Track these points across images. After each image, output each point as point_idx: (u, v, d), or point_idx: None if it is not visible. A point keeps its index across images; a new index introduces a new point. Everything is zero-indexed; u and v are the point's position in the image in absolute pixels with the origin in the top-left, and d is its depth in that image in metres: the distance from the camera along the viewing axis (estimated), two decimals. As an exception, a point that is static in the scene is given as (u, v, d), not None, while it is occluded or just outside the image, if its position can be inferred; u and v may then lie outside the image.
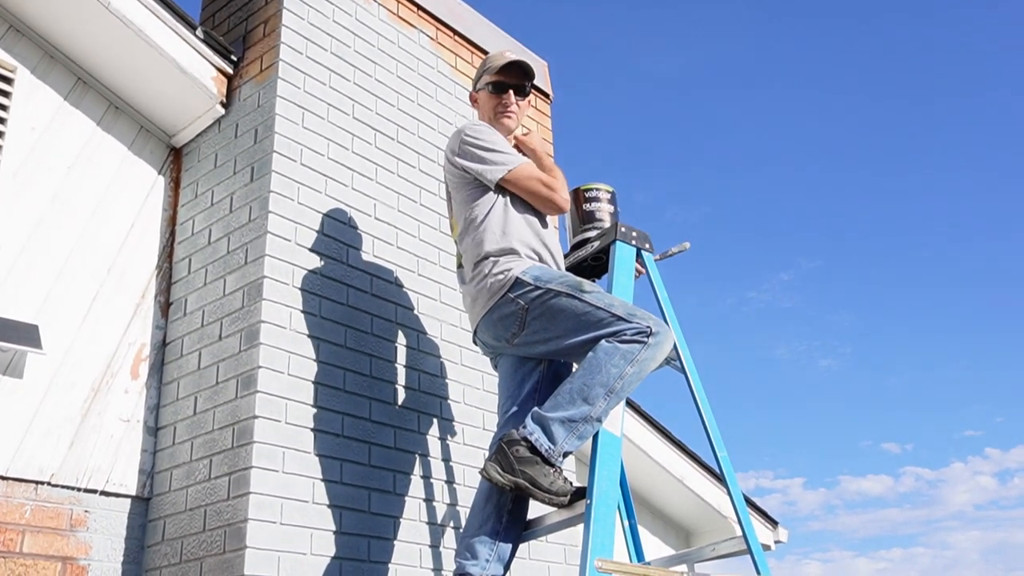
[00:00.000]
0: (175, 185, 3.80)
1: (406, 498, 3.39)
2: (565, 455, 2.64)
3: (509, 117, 3.14)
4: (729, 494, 2.99)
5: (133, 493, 3.30)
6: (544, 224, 3.02)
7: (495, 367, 3.13)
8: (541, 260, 2.93)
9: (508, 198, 2.97)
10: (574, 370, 2.76)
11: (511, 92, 3.13)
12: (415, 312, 3.71)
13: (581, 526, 2.60)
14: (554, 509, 2.72)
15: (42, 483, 3.08)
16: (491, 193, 2.96)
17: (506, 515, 2.74)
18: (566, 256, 3.26)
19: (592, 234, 3.22)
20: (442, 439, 3.62)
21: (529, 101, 3.26)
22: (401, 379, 3.55)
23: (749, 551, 2.88)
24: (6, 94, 3.41)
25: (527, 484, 2.59)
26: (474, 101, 3.25)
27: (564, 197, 2.99)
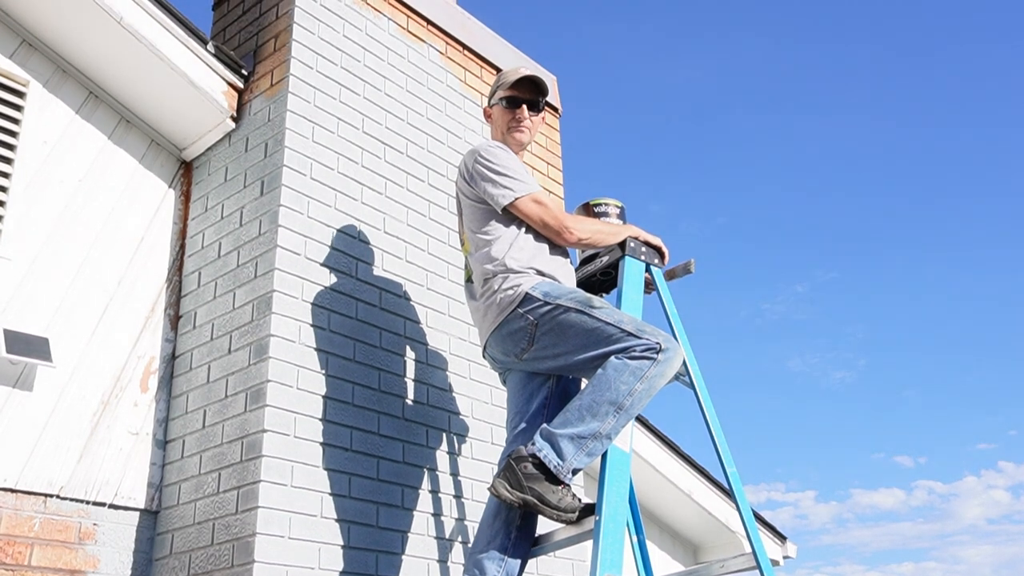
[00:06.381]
0: (185, 198, 3.82)
1: (414, 512, 3.39)
2: (574, 472, 2.63)
3: (522, 132, 3.15)
4: (738, 510, 2.97)
5: (142, 506, 3.30)
6: (554, 242, 3.02)
7: (504, 382, 3.13)
8: (551, 277, 2.93)
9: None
10: (583, 386, 2.76)
11: (524, 107, 3.15)
12: (424, 326, 3.71)
13: (590, 542, 2.59)
14: (563, 525, 2.72)
15: (51, 496, 3.09)
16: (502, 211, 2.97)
17: (515, 531, 2.74)
18: (575, 271, 3.25)
19: (601, 249, 3.21)
20: (451, 453, 3.62)
21: (544, 117, 3.27)
22: (410, 393, 3.55)
23: (759, 568, 2.87)
24: (19, 108, 3.43)
25: (535, 501, 2.59)
26: (488, 116, 3.26)
27: (573, 234, 2.97)
